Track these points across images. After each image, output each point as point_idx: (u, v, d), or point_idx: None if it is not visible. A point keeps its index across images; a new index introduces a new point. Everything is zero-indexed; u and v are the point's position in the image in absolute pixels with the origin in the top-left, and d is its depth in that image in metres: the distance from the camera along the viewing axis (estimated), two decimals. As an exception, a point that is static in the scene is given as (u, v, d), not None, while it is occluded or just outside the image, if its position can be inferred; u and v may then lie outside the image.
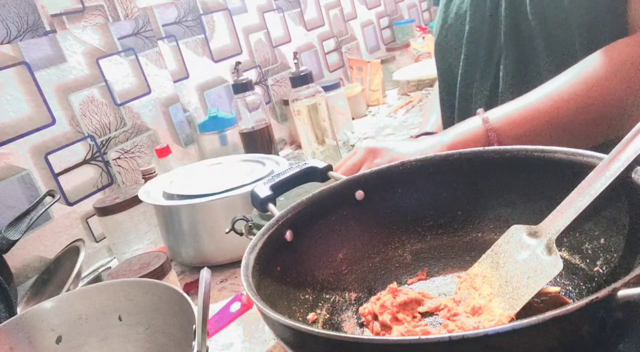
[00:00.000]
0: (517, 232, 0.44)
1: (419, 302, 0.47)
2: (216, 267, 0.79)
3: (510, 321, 0.40)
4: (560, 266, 0.40)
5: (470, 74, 0.77)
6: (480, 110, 0.64)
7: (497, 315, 0.41)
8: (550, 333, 0.27)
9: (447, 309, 0.45)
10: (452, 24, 0.79)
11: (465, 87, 0.78)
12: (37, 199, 0.83)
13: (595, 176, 0.40)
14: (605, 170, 0.40)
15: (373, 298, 0.48)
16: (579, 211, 0.40)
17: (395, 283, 0.49)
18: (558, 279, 0.45)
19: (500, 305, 0.42)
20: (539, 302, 0.43)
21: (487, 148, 0.50)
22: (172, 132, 1.21)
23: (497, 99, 0.73)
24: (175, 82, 1.24)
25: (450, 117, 0.85)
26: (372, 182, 0.53)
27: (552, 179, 0.45)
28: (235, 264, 0.80)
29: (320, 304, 0.48)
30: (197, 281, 0.79)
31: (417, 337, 0.28)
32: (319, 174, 0.57)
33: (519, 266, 0.43)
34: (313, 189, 0.53)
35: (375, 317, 0.46)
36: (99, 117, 1.05)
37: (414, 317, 0.46)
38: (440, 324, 0.44)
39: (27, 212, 0.80)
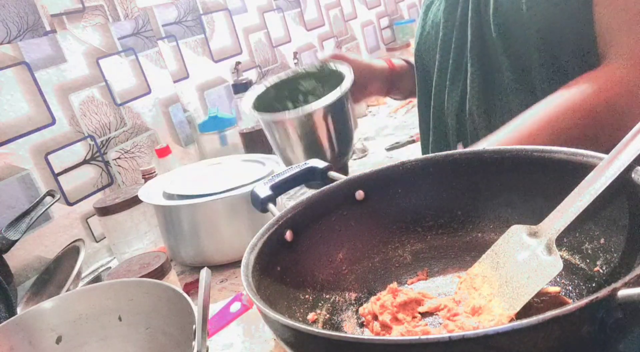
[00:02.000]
0: (517, 232, 0.44)
1: (419, 302, 0.47)
2: (216, 267, 0.79)
3: (510, 321, 0.40)
4: (560, 266, 0.40)
5: (442, 80, 0.80)
6: (459, 145, 0.64)
7: (497, 315, 0.41)
8: (550, 333, 0.27)
9: (447, 309, 0.45)
10: (429, 32, 0.82)
11: (439, 92, 0.81)
12: (37, 199, 0.83)
13: (595, 176, 0.40)
14: (605, 170, 0.40)
15: (373, 298, 0.48)
16: (579, 211, 0.40)
17: (395, 283, 0.48)
18: (558, 279, 0.45)
19: (500, 305, 0.42)
20: (539, 302, 0.43)
21: (487, 148, 0.50)
22: (172, 132, 1.21)
23: (466, 105, 0.76)
24: (175, 82, 1.24)
25: (425, 121, 0.88)
26: (372, 182, 0.53)
27: (552, 179, 0.45)
28: (235, 264, 0.80)
29: (320, 304, 0.48)
30: (197, 281, 0.79)
31: (417, 337, 0.28)
32: (319, 174, 0.57)
33: (519, 266, 0.43)
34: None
35: (375, 317, 0.46)
36: (99, 117, 1.05)
37: (414, 317, 0.46)
38: (440, 324, 0.44)
39: (27, 212, 0.80)
